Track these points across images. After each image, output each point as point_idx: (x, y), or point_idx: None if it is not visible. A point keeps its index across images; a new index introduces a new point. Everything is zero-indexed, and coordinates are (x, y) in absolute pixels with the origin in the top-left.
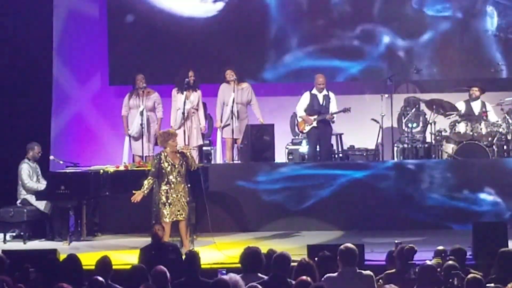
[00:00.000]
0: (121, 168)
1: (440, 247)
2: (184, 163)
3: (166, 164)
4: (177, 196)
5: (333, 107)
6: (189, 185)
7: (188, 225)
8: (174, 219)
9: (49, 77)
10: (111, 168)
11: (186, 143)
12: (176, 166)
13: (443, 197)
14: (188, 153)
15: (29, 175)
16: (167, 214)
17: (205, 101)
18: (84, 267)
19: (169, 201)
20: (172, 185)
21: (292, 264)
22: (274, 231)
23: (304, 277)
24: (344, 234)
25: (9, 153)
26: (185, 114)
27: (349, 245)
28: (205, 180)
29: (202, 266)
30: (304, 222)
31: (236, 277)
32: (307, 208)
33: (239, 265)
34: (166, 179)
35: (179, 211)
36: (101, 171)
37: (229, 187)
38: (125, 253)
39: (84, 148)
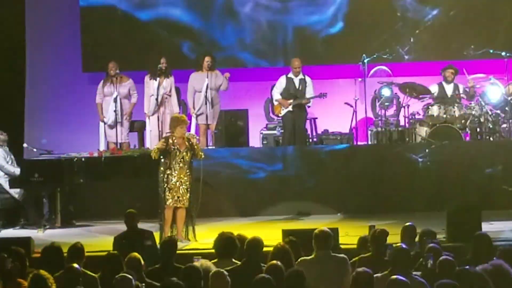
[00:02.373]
0: (95, 155)
1: (408, 223)
2: (189, 150)
3: (172, 148)
4: (177, 182)
5: (309, 91)
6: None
7: (188, 214)
8: (174, 205)
9: (22, 64)
10: (84, 155)
11: (160, 129)
12: (181, 151)
13: None
14: (193, 142)
15: (4, 158)
16: (168, 199)
17: (179, 87)
18: None
19: (168, 186)
20: (174, 171)
21: (268, 249)
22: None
23: (275, 261)
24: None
25: None
26: (159, 100)
27: (324, 228)
28: None
29: (178, 252)
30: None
31: (207, 262)
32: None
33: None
34: (169, 164)
35: (178, 197)
36: (75, 158)
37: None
38: (99, 240)
39: (58, 136)
